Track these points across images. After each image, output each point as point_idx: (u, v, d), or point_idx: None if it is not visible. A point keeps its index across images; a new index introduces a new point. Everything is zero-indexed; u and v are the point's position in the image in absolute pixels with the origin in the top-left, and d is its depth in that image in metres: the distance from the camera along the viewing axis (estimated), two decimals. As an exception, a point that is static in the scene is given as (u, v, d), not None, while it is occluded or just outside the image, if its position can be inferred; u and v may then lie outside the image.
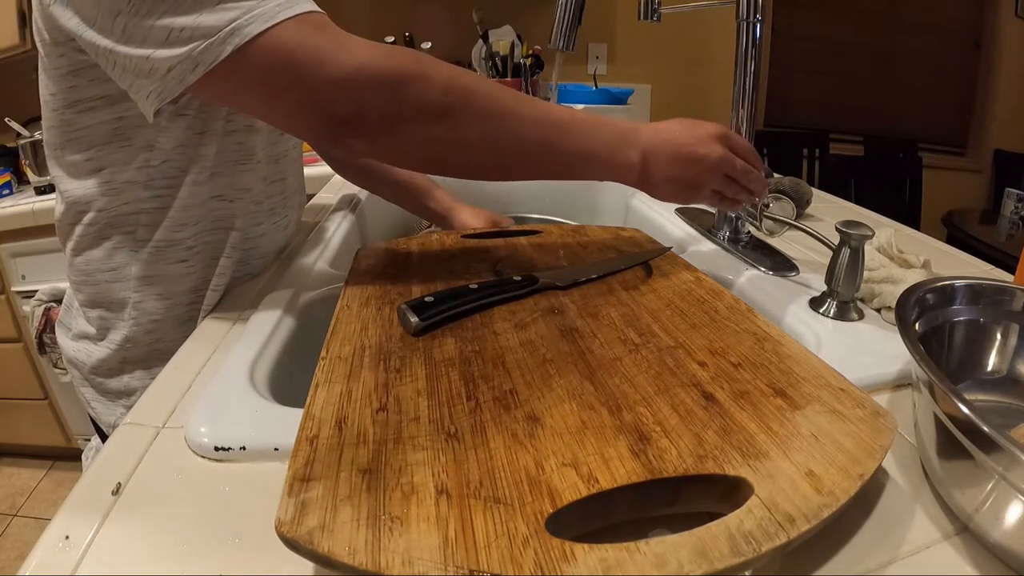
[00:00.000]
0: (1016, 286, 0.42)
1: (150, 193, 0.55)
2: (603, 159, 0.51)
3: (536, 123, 0.49)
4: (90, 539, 0.31)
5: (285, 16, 0.42)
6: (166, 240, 0.57)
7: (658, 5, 0.73)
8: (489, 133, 0.48)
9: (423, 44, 1.55)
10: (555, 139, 0.49)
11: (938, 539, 0.31)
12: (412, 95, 0.44)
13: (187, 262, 0.59)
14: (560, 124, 0.49)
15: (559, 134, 0.49)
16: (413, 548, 0.25)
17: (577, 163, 0.51)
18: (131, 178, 0.55)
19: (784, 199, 0.78)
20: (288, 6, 0.42)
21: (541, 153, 0.50)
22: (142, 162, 0.54)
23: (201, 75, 0.42)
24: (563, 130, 0.49)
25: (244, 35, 0.41)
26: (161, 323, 0.60)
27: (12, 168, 1.65)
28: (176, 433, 0.39)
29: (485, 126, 0.47)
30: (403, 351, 0.41)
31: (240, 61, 0.42)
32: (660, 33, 1.89)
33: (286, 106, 0.45)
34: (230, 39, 0.41)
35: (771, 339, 0.42)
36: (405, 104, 0.45)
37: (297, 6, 0.43)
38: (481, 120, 0.47)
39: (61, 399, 1.68)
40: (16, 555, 1.53)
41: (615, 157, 0.51)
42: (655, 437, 0.32)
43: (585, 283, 0.53)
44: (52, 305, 1.48)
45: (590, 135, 0.50)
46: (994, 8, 2.33)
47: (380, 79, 0.43)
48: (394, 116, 0.45)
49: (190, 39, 0.41)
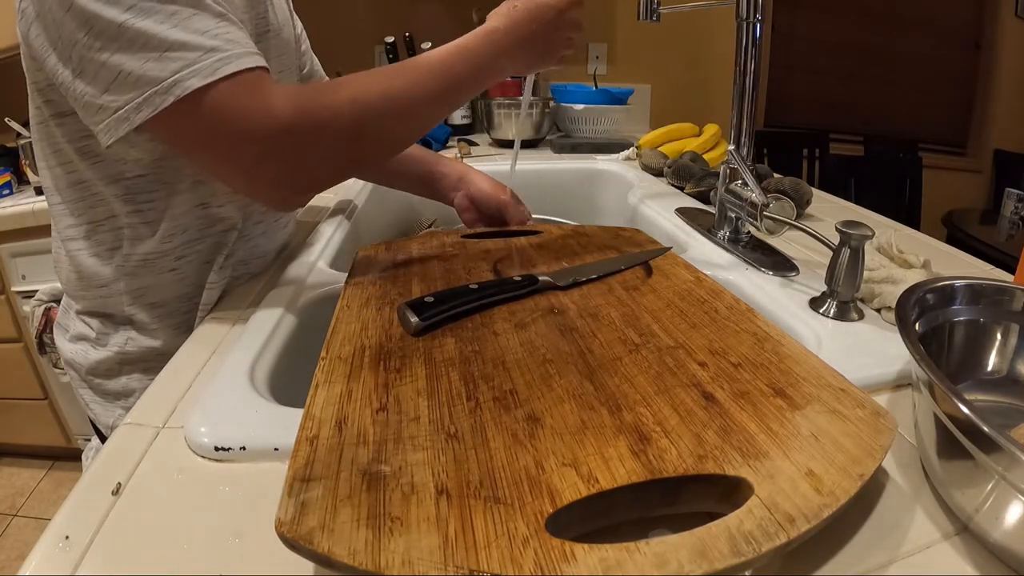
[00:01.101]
0: (1016, 286, 0.42)
1: (129, 207, 0.55)
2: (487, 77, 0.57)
3: (430, 87, 0.53)
4: (90, 539, 0.31)
5: (224, 72, 0.43)
6: (154, 251, 0.57)
7: (658, 5, 0.72)
8: (397, 126, 0.52)
9: (423, 44, 1.55)
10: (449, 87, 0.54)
11: (938, 539, 0.31)
12: (327, 139, 0.48)
13: (177, 271, 0.59)
14: (446, 73, 0.54)
15: (450, 81, 0.54)
16: (413, 548, 0.25)
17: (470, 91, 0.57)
18: (108, 192, 0.55)
19: (784, 199, 0.77)
20: (227, 61, 0.44)
21: (443, 106, 0.55)
22: (116, 175, 0.54)
23: (144, 120, 0.43)
24: (451, 75, 0.54)
25: (184, 88, 0.43)
26: (158, 330, 0.60)
27: (12, 168, 1.65)
28: (176, 433, 0.39)
29: (393, 122, 0.52)
30: (403, 351, 0.41)
31: (179, 114, 0.44)
32: (660, 33, 1.89)
33: (221, 164, 0.48)
34: (171, 90, 0.42)
35: (771, 339, 0.42)
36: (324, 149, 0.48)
37: (236, 62, 0.44)
38: (388, 120, 0.51)
39: (61, 399, 1.68)
40: (16, 555, 1.53)
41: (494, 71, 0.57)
42: (655, 437, 0.32)
43: (585, 283, 0.53)
44: (52, 305, 1.48)
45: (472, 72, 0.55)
46: (994, 8, 2.33)
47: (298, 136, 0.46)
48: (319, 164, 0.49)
49: (135, 85, 0.43)
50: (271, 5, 0.64)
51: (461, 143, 1.37)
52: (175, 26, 0.43)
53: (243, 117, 0.44)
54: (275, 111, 0.45)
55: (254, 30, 0.60)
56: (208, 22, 0.44)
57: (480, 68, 0.56)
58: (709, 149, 1.15)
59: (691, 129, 1.23)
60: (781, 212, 0.74)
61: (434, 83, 0.53)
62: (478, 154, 1.33)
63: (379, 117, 0.50)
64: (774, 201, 0.76)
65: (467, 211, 0.78)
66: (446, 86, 0.54)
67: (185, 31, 0.43)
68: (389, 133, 0.52)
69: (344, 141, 0.48)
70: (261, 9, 0.61)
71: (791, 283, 0.59)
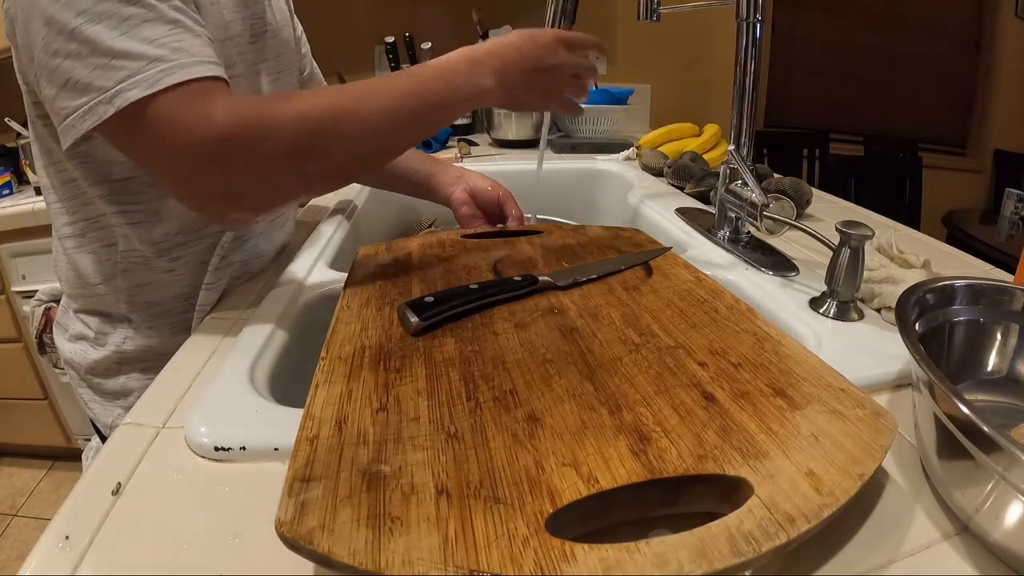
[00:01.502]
0: (1016, 286, 0.42)
1: (115, 208, 0.55)
2: (464, 100, 0.53)
3: (389, 110, 0.50)
4: (90, 539, 0.31)
5: (164, 85, 0.42)
6: (149, 251, 0.57)
7: (658, 5, 0.72)
8: (352, 145, 0.49)
9: (423, 44, 1.55)
10: (415, 111, 0.51)
11: (938, 539, 0.31)
12: (267, 153, 0.45)
13: (174, 271, 0.59)
14: (412, 94, 0.51)
15: (416, 105, 0.51)
16: (413, 548, 0.25)
17: (443, 114, 0.53)
18: (98, 192, 0.55)
19: (784, 199, 0.78)
20: (170, 72, 0.43)
21: (408, 129, 0.52)
22: (102, 176, 0.54)
23: (90, 128, 0.43)
24: (418, 99, 0.51)
25: (124, 99, 0.42)
26: (155, 330, 0.60)
27: (12, 168, 1.65)
28: (176, 433, 0.39)
29: (346, 142, 0.48)
30: (403, 351, 0.41)
31: (122, 124, 0.43)
32: (660, 33, 1.88)
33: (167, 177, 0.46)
34: (113, 101, 0.42)
35: (771, 339, 0.42)
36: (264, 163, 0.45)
37: (180, 72, 0.43)
38: (340, 139, 0.48)
39: (61, 399, 1.68)
40: (16, 555, 1.53)
41: (474, 93, 0.53)
42: (655, 437, 0.32)
43: (585, 283, 0.53)
44: (52, 305, 1.48)
45: (443, 88, 0.52)
46: (994, 8, 2.33)
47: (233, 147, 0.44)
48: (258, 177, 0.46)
49: (83, 91, 0.43)
50: (269, 5, 0.64)
51: (461, 143, 1.37)
52: (123, 34, 0.42)
53: (182, 128, 0.43)
54: (214, 121, 0.43)
55: (249, 30, 0.60)
56: (158, 30, 0.43)
57: (454, 87, 0.52)
58: (709, 149, 1.15)
59: (691, 129, 1.23)
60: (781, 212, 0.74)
61: (396, 103, 0.50)
62: (478, 154, 1.33)
63: (324, 135, 0.47)
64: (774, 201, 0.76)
65: (466, 204, 0.76)
66: (411, 107, 0.50)
67: (133, 39, 0.42)
68: (338, 152, 0.48)
69: (283, 156, 0.45)
70: (258, 9, 0.61)
71: (791, 283, 0.59)
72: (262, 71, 0.62)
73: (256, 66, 0.61)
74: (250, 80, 0.61)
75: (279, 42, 0.65)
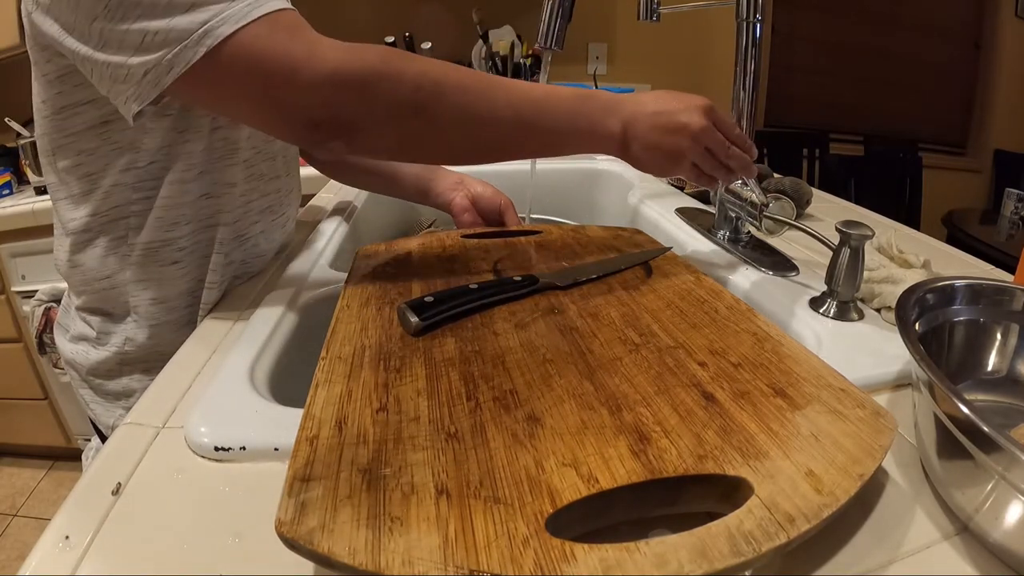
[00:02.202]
0: (1016, 286, 0.42)
1: (139, 195, 0.55)
2: (583, 132, 0.51)
3: (510, 106, 0.48)
4: (90, 539, 0.31)
5: (256, 15, 0.42)
6: (158, 241, 0.57)
7: (658, 5, 0.72)
8: (463, 123, 0.48)
9: (423, 44, 1.55)
10: (532, 119, 0.49)
11: (938, 539, 0.31)
12: (383, 96, 0.45)
13: (180, 263, 0.59)
14: (537, 103, 0.49)
15: (536, 114, 0.49)
16: (413, 548, 0.25)
17: (556, 140, 0.51)
18: (118, 180, 0.55)
19: (784, 199, 0.78)
20: (258, 5, 0.42)
21: (518, 135, 0.50)
22: (128, 164, 0.54)
23: (176, 78, 0.42)
24: (540, 109, 0.49)
25: (216, 36, 0.41)
26: (159, 327, 0.60)
27: (12, 168, 1.65)
28: (176, 433, 0.39)
29: (459, 116, 0.47)
30: (403, 351, 0.41)
31: (213, 64, 0.42)
32: (660, 33, 1.89)
33: (261, 110, 0.45)
34: (203, 41, 0.41)
35: (771, 339, 0.42)
36: (377, 105, 0.45)
37: (267, 4, 0.43)
38: (455, 111, 0.47)
39: (61, 399, 1.68)
40: (16, 555, 1.53)
41: (595, 129, 0.51)
42: (655, 437, 0.32)
43: (585, 283, 0.53)
44: (52, 305, 1.48)
45: (569, 111, 0.50)
46: (994, 8, 2.33)
47: (350, 83, 0.44)
48: (368, 117, 0.46)
49: (163, 43, 0.41)
50: None
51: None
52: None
53: (284, 57, 0.42)
54: (322, 52, 0.43)
55: None
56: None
57: (579, 116, 0.50)
58: (709, 149, 1.15)
59: (691, 129, 1.23)
60: (781, 212, 0.74)
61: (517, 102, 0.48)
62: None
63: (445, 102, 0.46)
64: (774, 201, 0.77)
65: (467, 212, 0.77)
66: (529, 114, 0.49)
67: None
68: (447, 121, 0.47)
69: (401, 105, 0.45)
70: None
71: (791, 283, 0.59)
72: None
73: None
74: None
75: None
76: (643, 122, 0.51)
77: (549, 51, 0.68)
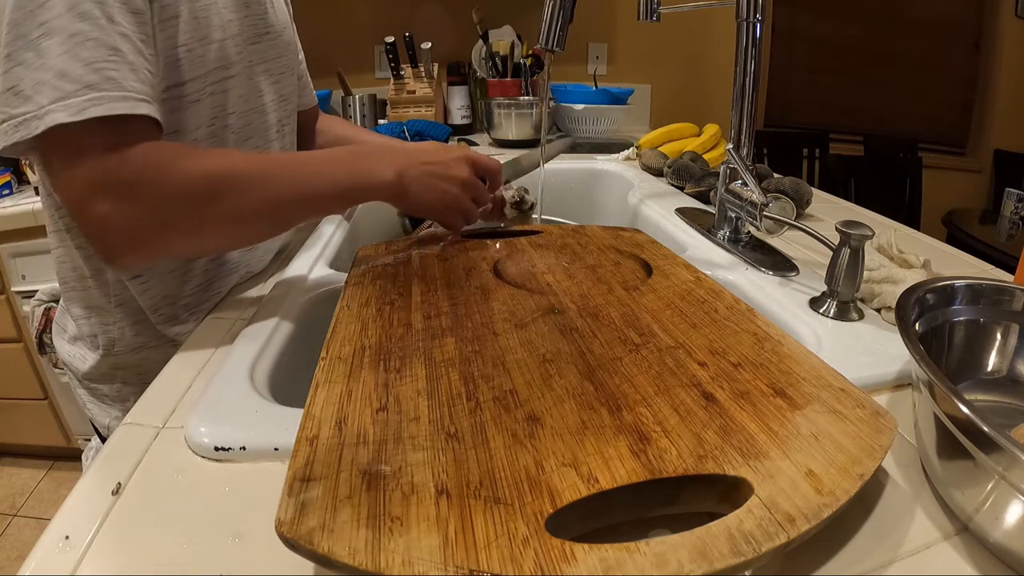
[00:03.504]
0: (1016, 286, 0.42)
1: None
2: (362, 187, 0.56)
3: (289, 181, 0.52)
4: (90, 539, 0.31)
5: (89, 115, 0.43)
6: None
7: (658, 5, 0.72)
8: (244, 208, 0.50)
9: (423, 44, 1.55)
10: (310, 189, 0.53)
11: (938, 539, 0.31)
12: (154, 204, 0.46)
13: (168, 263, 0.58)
14: (313, 173, 0.53)
15: (316, 185, 0.53)
16: (413, 548, 0.25)
17: (339, 199, 0.56)
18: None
19: (784, 199, 0.78)
20: (98, 102, 0.43)
21: (300, 205, 0.53)
22: None
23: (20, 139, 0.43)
24: (317, 176, 0.53)
25: (52, 120, 0.42)
26: (146, 326, 0.60)
27: (12, 168, 1.65)
28: (176, 433, 0.39)
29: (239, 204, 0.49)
30: (403, 351, 0.41)
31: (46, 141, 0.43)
32: (660, 33, 1.89)
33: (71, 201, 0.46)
34: (44, 118, 0.42)
35: (771, 339, 0.42)
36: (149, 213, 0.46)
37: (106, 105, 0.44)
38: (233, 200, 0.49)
39: (61, 399, 1.68)
40: (16, 555, 1.53)
41: (371, 182, 0.56)
42: (655, 437, 0.32)
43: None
44: (52, 305, 1.47)
45: (346, 172, 0.55)
46: (994, 8, 2.33)
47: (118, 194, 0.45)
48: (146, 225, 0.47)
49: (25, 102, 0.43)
50: (271, 5, 0.64)
51: (461, 143, 1.37)
52: (67, 51, 0.43)
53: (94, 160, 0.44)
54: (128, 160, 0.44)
55: (252, 30, 0.60)
56: (99, 52, 0.44)
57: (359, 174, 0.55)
58: (709, 149, 1.15)
59: (691, 129, 1.23)
60: (781, 212, 0.74)
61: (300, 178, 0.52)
62: (478, 154, 1.33)
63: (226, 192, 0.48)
64: (774, 201, 0.77)
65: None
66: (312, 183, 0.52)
67: (74, 59, 0.43)
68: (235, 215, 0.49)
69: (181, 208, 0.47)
70: (259, 9, 0.61)
71: (791, 283, 0.59)
72: (262, 72, 0.62)
73: (256, 66, 0.61)
74: (248, 80, 0.60)
75: (281, 43, 0.65)
76: (416, 169, 0.58)
77: (551, 52, 0.68)
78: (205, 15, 0.53)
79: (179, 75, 0.52)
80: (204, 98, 0.55)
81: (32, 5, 0.43)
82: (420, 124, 1.48)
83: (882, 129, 2.48)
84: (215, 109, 0.57)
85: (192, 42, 0.52)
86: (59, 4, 0.43)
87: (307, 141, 0.83)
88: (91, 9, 0.44)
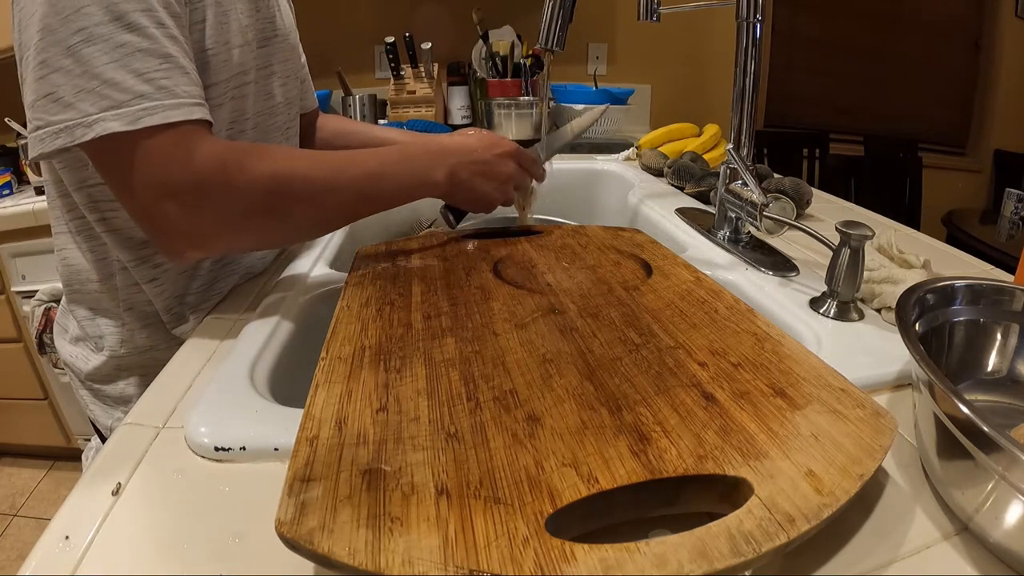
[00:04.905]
0: (1016, 286, 0.42)
1: (95, 215, 0.55)
2: (414, 187, 0.58)
3: (351, 184, 0.53)
4: (90, 539, 0.31)
5: (144, 125, 0.43)
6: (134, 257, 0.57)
7: (658, 5, 0.72)
8: (318, 212, 0.52)
9: (423, 44, 1.55)
10: (371, 191, 0.55)
11: (938, 539, 0.31)
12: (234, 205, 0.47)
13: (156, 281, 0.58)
14: (372, 175, 0.55)
15: (373, 185, 0.55)
16: (413, 548, 0.25)
17: (391, 200, 0.57)
18: (76, 197, 0.55)
19: (784, 199, 0.78)
20: (152, 112, 0.43)
21: (361, 206, 0.55)
22: (80, 182, 0.54)
23: (61, 147, 0.43)
24: (376, 179, 0.55)
25: (105, 128, 0.42)
26: (153, 328, 0.60)
27: (12, 168, 1.65)
28: (176, 433, 0.39)
29: (312, 209, 0.51)
30: (403, 351, 0.41)
31: (97, 148, 0.44)
32: (660, 33, 1.89)
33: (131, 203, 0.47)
34: (94, 126, 0.42)
35: (771, 339, 0.42)
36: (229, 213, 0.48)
37: (161, 113, 0.44)
38: (308, 204, 0.51)
39: (61, 399, 1.68)
40: (16, 555, 1.53)
41: (424, 183, 0.58)
42: (655, 437, 0.32)
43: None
44: (52, 305, 1.47)
45: (400, 174, 0.57)
46: (994, 8, 2.33)
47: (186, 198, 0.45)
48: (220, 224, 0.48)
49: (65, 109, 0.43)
50: (279, 9, 0.64)
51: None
52: (115, 60, 0.42)
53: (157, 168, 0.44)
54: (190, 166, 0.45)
55: (260, 34, 0.60)
56: (149, 62, 0.44)
57: (413, 176, 0.57)
58: (709, 149, 1.15)
59: (691, 129, 1.23)
60: (781, 212, 0.74)
61: (362, 182, 0.53)
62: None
63: (292, 198, 0.49)
64: (774, 201, 0.77)
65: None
66: (372, 189, 0.54)
67: (123, 69, 0.43)
68: (300, 217, 0.51)
69: (248, 212, 0.48)
70: (268, 13, 0.61)
71: (791, 283, 0.59)
72: (272, 75, 0.62)
73: (266, 70, 0.61)
74: (262, 84, 0.61)
75: (287, 46, 0.65)
76: (466, 169, 0.60)
77: (550, 52, 0.68)
78: (225, 20, 0.53)
79: (205, 79, 0.52)
80: (225, 102, 0.55)
81: (68, 10, 0.42)
82: (420, 124, 1.48)
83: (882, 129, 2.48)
84: (234, 113, 0.57)
85: (217, 46, 0.52)
86: (98, 11, 0.42)
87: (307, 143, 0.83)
88: (138, 19, 0.43)
